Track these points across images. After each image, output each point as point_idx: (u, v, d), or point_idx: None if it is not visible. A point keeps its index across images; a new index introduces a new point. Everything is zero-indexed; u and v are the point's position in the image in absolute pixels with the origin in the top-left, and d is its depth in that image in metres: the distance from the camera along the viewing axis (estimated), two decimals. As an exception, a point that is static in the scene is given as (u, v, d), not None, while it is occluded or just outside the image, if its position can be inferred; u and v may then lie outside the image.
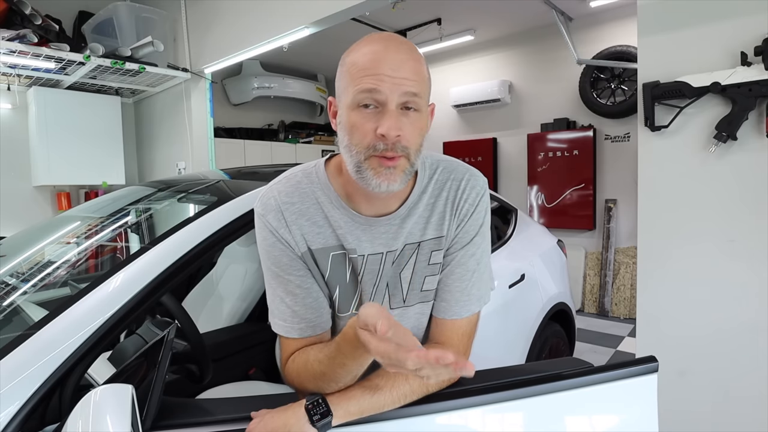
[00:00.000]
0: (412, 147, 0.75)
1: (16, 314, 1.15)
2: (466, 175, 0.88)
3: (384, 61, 0.72)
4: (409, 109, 0.73)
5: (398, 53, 0.73)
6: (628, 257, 4.33)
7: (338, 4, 2.50)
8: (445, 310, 0.88)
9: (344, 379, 0.75)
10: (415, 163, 0.77)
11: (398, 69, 0.71)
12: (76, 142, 3.61)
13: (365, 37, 0.77)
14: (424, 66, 0.76)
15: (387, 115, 0.71)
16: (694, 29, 1.58)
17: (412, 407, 0.78)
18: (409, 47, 0.76)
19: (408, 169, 0.76)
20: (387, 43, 0.74)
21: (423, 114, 0.76)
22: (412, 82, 0.72)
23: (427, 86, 0.77)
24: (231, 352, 1.66)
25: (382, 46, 0.73)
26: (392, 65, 0.71)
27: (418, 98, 0.73)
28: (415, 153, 0.76)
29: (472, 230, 0.87)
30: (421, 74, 0.75)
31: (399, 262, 0.87)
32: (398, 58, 0.72)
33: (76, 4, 3.69)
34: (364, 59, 0.73)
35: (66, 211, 3.26)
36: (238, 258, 1.94)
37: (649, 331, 1.76)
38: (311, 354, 0.79)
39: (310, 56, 4.34)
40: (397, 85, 0.71)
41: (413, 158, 0.76)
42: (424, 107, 0.76)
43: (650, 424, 0.88)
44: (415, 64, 0.74)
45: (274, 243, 0.83)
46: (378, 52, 0.72)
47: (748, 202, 1.51)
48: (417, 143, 0.75)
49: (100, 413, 0.65)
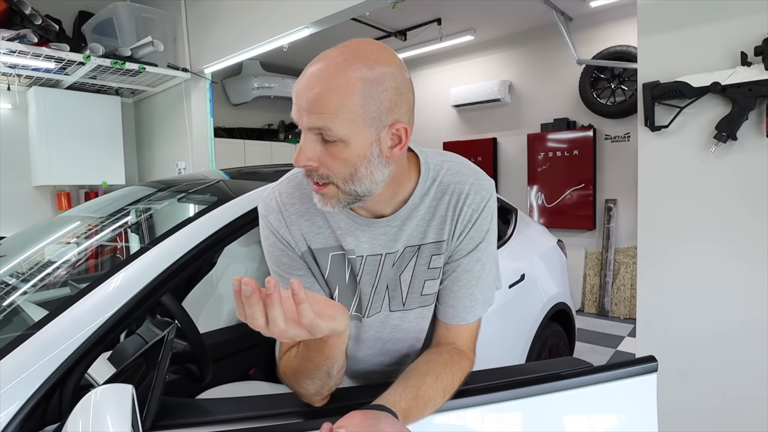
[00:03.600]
0: (335, 176, 0.72)
1: (16, 314, 1.15)
2: (471, 179, 0.85)
3: (299, 92, 0.70)
4: (330, 140, 0.69)
5: (316, 85, 0.68)
6: (628, 257, 4.33)
7: (338, 4, 2.50)
8: (453, 316, 0.88)
9: (317, 374, 0.74)
10: (352, 191, 0.73)
11: (310, 103, 0.68)
12: (76, 142, 3.61)
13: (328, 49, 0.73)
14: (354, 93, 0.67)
15: (299, 144, 0.71)
16: (694, 29, 1.58)
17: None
18: (338, 71, 0.67)
19: (342, 197, 0.74)
20: (311, 69, 0.70)
21: (353, 144, 0.69)
22: (319, 117, 0.67)
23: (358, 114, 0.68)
24: (231, 352, 1.66)
25: (310, 72, 0.70)
26: (303, 97, 0.69)
27: (328, 131, 0.68)
28: (346, 182, 0.72)
29: (478, 237, 0.85)
30: (341, 105, 0.67)
31: (399, 265, 0.86)
32: (314, 90, 0.68)
33: (76, 4, 3.69)
34: (295, 85, 0.71)
35: (66, 211, 3.26)
36: (238, 258, 1.94)
37: (649, 331, 1.76)
38: (293, 350, 0.80)
39: (310, 56, 4.28)
40: (304, 119, 0.69)
41: (344, 187, 0.73)
42: (353, 136, 0.69)
43: (650, 423, 0.88)
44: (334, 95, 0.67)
45: (275, 243, 0.84)
46: (302, 79, 0.70)
47: (748, 202, 1.51)
48: (341, 173, 0.71)
49: (101, 413, 0.65)
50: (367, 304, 0.88)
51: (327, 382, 0.76)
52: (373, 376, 0.98)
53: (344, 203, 0.75)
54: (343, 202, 0.75)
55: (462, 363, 0.84)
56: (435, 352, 0.86)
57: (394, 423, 0.68)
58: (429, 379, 0.77)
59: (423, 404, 0.75)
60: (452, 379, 0.80)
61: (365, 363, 0.95)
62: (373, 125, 0.70)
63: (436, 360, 0.82)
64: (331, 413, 0.78)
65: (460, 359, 0.84)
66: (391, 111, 0.71)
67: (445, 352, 0.85)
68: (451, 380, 0.80)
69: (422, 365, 0.81)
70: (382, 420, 0.67)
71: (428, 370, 0.79)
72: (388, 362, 0.96)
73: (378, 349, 0.94)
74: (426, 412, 0.76)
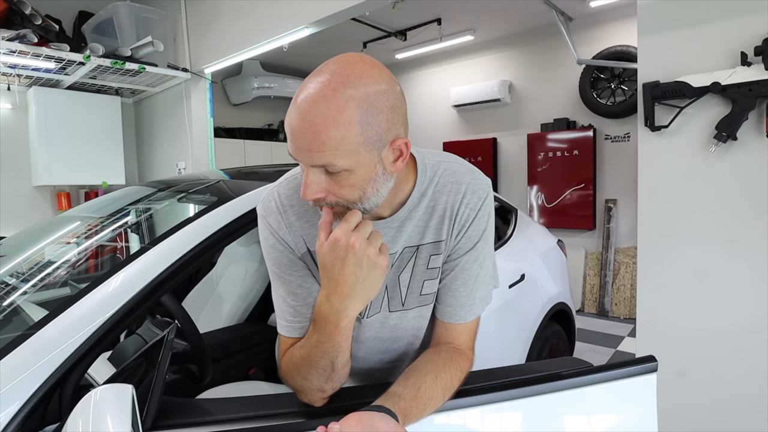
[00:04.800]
0: (346, 201, 0.72)
1: (16, 314, 1.15)
2: (467, 179, 0.86)
3: (294, 132, 0.67)
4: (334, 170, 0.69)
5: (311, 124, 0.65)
6: (628, 257, 4.34)
7: (338, 4, 2.50)
8: (451, 315, 0.88)
9: (322, 363, 0.74)
10: (365, 208, 0.73)
11: (309, 142, 0.66)
12: (76, 142, 3.61)
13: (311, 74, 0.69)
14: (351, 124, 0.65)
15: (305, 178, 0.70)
16: (694, 29, 1.58)
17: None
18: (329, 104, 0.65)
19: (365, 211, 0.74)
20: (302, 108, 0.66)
21: (357, 170, 0.69)
22: (321, 154, 0.66)
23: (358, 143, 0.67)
24: (231, 352, 1.66)
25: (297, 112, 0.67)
26: (303, 138, 0.66)
27: (332, 166, 0.67)
28: (355, 203, 0.72)
29: (475, 236, 0.86)
30: (340, 138, 0.65)
31: (398, 266, 0.86)
32: (310, 130, 0.66)
33: (76, 4, 3.69)
34: (288, 119, 0.69)
35: (66, 211, 3.26)
36: (238, 258, 1.94)
37: (649, 331, 1.76)
38: (297, 343, 0.80)
39: (310, 56, 4.35)
40: (306, 158, 0.68)
41: (359, 205, 0.73)
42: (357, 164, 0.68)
43: (650, 423, 0.88)
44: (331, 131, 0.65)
45: (275, 244, 0.84)
46: (292, 121, 0.68)
47: (748, 202, 1.51)
48: (351, 197, 0.71)
49: (101, 413, 0.65)
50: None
51: (331, 375, 0.76)
52: (372, 374, 0.98)
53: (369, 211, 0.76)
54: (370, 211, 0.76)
55: (461, 362, 0.84)
56: (434, 351, 0.86)
57: (391, 423, 0.68)
58: (428, 378, 0.77)
59: (423, 404, 0.75)
60: (452, 379, 0.80)
61: (365, 362, 0.96)
62: (374, 148, 0.69)
63: (434, 360, 0.82)
64: (331, 413, 0.78)
65: (459, 358, 0.84)
66: (389, 130, 0.69)
67: (444, 352, 0.85)
68: (450, 380, 0.80)
69: (421, 365, 0.81)
70: (380, 421, 0.67)
71: (427, 370, 0.79)
72: (387, 360, 0.96)
73: (377, 348, 0.94)
74: (426, 412, 0.76)
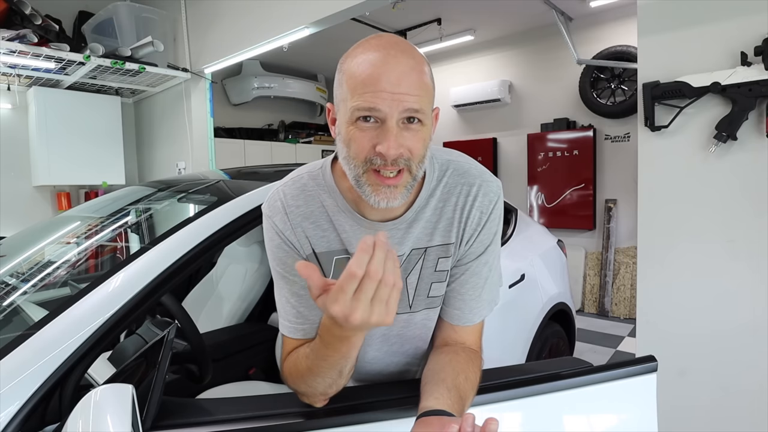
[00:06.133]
0: (414, 159, 0.71)
1: (16, 314, 1.15)
2: (478, 181, 0.84)
3: (383, 75, 0.67)
4: (412, 121, 0.70)
5: (398, 65, 0.67)
6: (628, 257, 4.33)
7: (338, 4, 2.50)
8: (459, 318, 0.87)
9: (330, 374, 0.73)
10: (417, 174, 0.73)
11: (399, 84, 0.67)
12: (76, 142, 3.61)
13: (363, 42, 0.72)
14: (427, 75, 0.71)
15: (387, 133, 0.68)
16: (694, 29, 1.58)
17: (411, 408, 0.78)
18: (410, 55, 0.70)
19: (410, 183, 0.73)
20: (386, 53, 0.68)
21: (427, 124, 0.72)
22: (414, 98, 0.68)
23: (431, 96, 0.72)
24: (231, 352, 1.66)
25: (381, 57, 0.68)
26: (392, 80, 0.67)
27: (421, 113, 0.69)
28: (418, 164, 0.73)
29: (486, 239, 0.85)
30: (424, 86, 0.70)
31: (405, 267, 0.85)
32: (398, 71, 0.67)
33: (76, 4, 3.69)
34: (362, 72, 0.68)
35: (66, 211, 3.26)
36: (238, 258, 1.94)
37: (649, 331, 1.76)
38: (301, 350, 0.79)
39: (310, 56, 4.35)
40: (397, 102, 0.67)
41: (416, 170, 0.73)
42: (428, 118, 0.72)
43: (649, 423, 0.88)
44: (418, 76, 0.69)
45: (280, 244, 0.83)
46: (376, 65, 0.67)
47: (748, 202, 1.51)
48: (420, 154, 0.72)
49: (101, 413, 0.65)
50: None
51: (337, 380, 0.75)
52: (379, 378, 0.97)
53: (408, 191, 0.75)
54: (409, 190, 0.75)
55: (478, 361, 0.84)
56: (451, 351, 0.85)
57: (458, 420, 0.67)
58: (461, 378, 0.77)
59: (464, 404, 0.75)
60: (476, 377, 0.80)
61: (372, 365, 0.95)
62: (432, 105, 0.75)
63: (457, 360, 0.81)
64: (332, 413, 0.79)
65: (476, 357, 0.84)
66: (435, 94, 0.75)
67: (461, 351, 0.84)
68: (475, 378, 0.80)
69: (447, 366, 0.79)
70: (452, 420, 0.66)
71: (457, 370, 0.78)
72: (395, 362, 0.95)
73: (384, 351, 0.93)
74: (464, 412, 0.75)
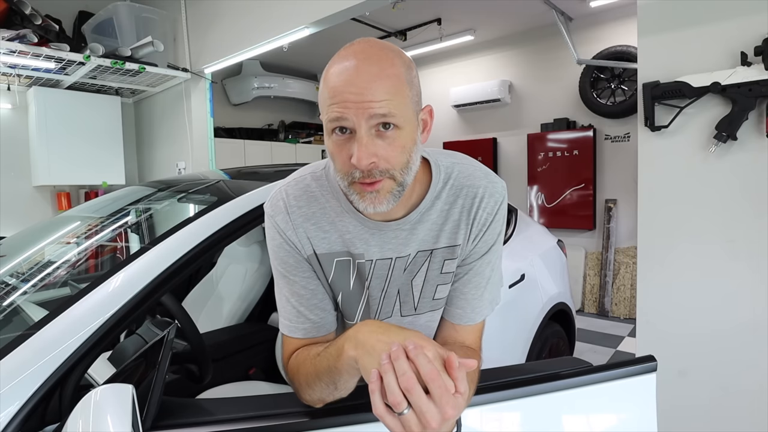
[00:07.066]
0: (395, 167, 0.70)
1: (16, 314, 1.15)
2: (484, 182, 0.85)
3: (346, 85, 0.66)
4: (387, 128, 0.68)
5: (362, 74, 0.66)
6: (628, 257, 4.33)
7: (338, 4, 2.50)
8: (461, 317, 0.88)
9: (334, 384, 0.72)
10: (404, 181, 0.72)
11: (362, 92, 0.65)
12: (76, 142, 3.61)
13: (339, 50, 0.71)
14: (399, 77, 0.68)
15: (357, 143, 0.67)
16: (694, 29, 1.58)
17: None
18: (376, 60, 0.68)
19: (396, 189, 0.72)
20: (351, 62, 0.67)
21: (406, 129, 0.70)
22: (380, 103, 0.66)
23: (406, 97, 0.69)
24: (231, 352, 1.67)
25: (346, 66, 0.67)
26: (355, 89, 0.66)
27: (392, 117, 0.67)
28: (402, 171, 0.71)
29: (491, 239, 0.85)
30: (395, 89, 0.67)
31: (411, 270, 0.85)
32: (362, 79, 0.66)
33: (76, 4, 3.69)
34: (331, 83, 0.68)
35: (66, 211, 3.26)
36: (238, 258, 1.94)
37: (649, 331, 1.76)
38: (311, 351, 0.79)
39: (310, 56, 4.35)
40: (362, 110, 0.66)
41: (400, 177, 0.71)
42: (406, 122, 0.69)
43: (649, 423, 0.88)
44: (385, 80, 0.67)
45: (281, 244, 0.83)
46: (341, 75, 0.67)
47: (748, 202, 1.51)
48: (400, 162, 0.70)
49: (101, 413, 0.65)
50: (376, 308, 0.87)
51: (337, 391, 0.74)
52: None
53: (396, 198, 0.73)
54: (396, 197, 0.73)
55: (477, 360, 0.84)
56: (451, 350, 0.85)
57: None
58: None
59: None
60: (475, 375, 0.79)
61: None
62: (416, 108, 0.72)
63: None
64: (332, 413, 0.79)
65: (474, 356, 0.84)
66: (420, 94, 0.74)
67: (459, 349, 0.85)
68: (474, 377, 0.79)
69: None
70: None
71: None
72: None
73: None
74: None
